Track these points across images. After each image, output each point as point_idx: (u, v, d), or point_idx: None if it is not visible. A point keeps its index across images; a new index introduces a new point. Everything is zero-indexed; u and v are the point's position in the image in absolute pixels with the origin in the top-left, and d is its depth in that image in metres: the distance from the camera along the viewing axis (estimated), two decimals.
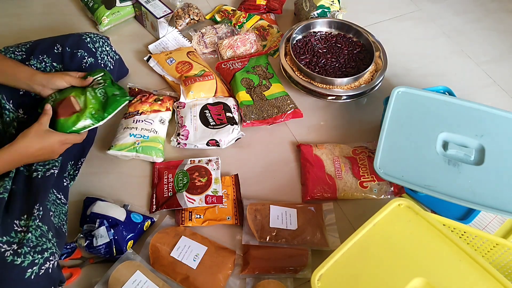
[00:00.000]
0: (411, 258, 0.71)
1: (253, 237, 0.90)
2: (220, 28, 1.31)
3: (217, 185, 0.96)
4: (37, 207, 0.76)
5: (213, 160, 1.02)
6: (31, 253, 0.69)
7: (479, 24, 1.48)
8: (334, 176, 1.01)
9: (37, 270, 0.69)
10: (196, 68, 1.17)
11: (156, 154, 1.02)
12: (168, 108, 1.10)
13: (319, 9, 1.29)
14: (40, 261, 0.70)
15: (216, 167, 1.00)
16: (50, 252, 0.72)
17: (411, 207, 0.77)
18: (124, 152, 1.00)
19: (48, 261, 0.71)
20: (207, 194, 0.94)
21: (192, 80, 1.12)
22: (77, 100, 0.88)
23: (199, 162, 1.01)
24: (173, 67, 1.18)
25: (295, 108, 1.12)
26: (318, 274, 0.69)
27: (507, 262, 0.83)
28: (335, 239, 0.92)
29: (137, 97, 1.10)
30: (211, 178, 0.97)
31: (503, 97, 1.28)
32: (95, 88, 0.90)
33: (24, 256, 0.68)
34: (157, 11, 1.27)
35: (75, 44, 1.00)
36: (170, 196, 0.95)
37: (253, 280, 0.86)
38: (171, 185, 0.97)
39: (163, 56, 1.21)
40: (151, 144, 1.02)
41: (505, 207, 0.81)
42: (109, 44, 1.08)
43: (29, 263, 0.68)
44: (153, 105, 1.08)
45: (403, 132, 0.93)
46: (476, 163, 0.88)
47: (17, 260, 0.67)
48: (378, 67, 1.18)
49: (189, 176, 0.97)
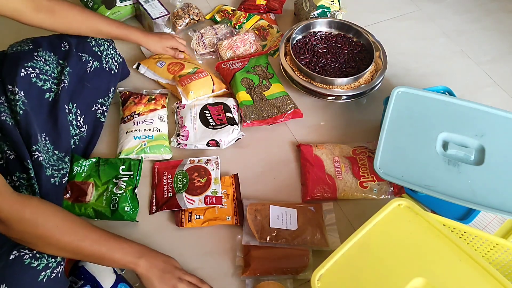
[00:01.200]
0: (411, 258, 0.71)
1: (253, 237, 0.90)
2: (220, 28, 1.31)
3: (217, 185, 0.96)
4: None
5: (212, 159, 1.01)
6: (46, 256, 0.70)
7: (479, 24, 1.48)
8: (334, 176, 1.01)
9: (50, 273, 0.69)
10: (188, 66, 1.17)
11: (164, 152, 1.03)
12: (163, 105, 1.10)
13: (319, 9, 1.29)
14: (53, 265, 0.70)
15: (215, 167, 1.00)
16: (61, 256, 0.73)
17: (411, 207, 0.77)
18: (132, 155, 1.00)
19: (60, 265, 0.72)
20: (206, 195, 0.94)
21: (187, 79, 1.12)
22: (93, 190, 0.93)
23: (198, 162, 1.01)
24: (165, 69, 1.17)
25: (295, 108, 1.11)
26: (318, 274, 0.69)
27: (507, 262, 0.83)
28: (335, 239, 0.92)
29: (129, 100, 1.09)
30: (211, 178, 0.97)
31: (503, 97, 1.28)
32: (112, 193, 0.93)
33: (40, 260, 0.69)
34: (154, 11, 1.26)
35: (80, 47, 1.00)
36: (170, 197, 0.95)
37: (253, 282, 0.86)
38: (171, 185, 0.96)
39: (152, 61, 1.20)
40: (158, 143, 1.03)
41: (505, 207, 0.81)
42: (113, 47, 1.08)
43: (44, 266, 0.69)
44: (148, 105, 1.08)
45: (403, 132, 0.93)
46: (476, 163, 0.88)
47: (34, 263, 0.68)
48: (378, 67, 1.18)
49: (189, 176, 0.97)
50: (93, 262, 0.78)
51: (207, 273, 0.88)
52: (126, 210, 0.92)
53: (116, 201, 0.92)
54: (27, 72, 0.89)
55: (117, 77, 1.10)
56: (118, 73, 1.09)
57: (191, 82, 1.11)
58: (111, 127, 1.09)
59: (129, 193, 0.93)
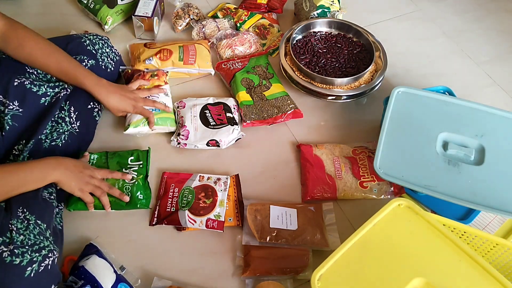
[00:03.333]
0: (411, 258, 0.71)
1: (253, 237, 0.90)
2: (222, 22, 1.31)
3: (221, 209, 0.93)
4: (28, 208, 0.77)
5: (222, 179, 0.98)
6: (29, 251, 0.70)
7: (479, 24, 1.48)
8: (334, 176, 1.01)
9: (37, 267, 0.69)
10: (174, 48, 1.20)
11: (170, 124, 1.06)
12: (165, 81, 1.14)
13: (319, 9, 1.29)
14: (39, 259, 0.70)
15: (223, 188, 0.96)
16: (48, 249, 0.72)
17: (411, 207, 0.77)
18: (141, 127, 1.02)
19: (47, 258, 0.71)
20: (209, 218, 0.91)
21: (189, 55, 1.19)
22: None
23: (207, 180, 0.98)
24: (157, 62, 1.18)
25: (295, 108, 1.11)
26: (318, 274, 0.69)
27: (507, 262, 0.83)
28: (335, 239, 0.92)
29: (133, 78, 1.11)
30: (216, 200, 0.94)
31: (503, 97, 1.28)
32: (124, 183, 0.94)
33: (22, 256, 0.68)
34: (141, 9, 1.25)
35: (75, 48, 1.00)
36: (173, 212, 0.93)
37: (252, 282, 0.86)
38: (176, 200, 0.95)
39: (140, 66, 1.17)
40: (165, 115, 1.06)
41: (505, 207, 0.81)
42: (109, 45, 1.08)
43: (28, 261, 0.69)
44: (152, 80, 1.11)
45: (403, 132, 0.93)
46: (476, 163, 0.88)
47: (16, 260, 0.67)
48: (378, 67, 1.18)
49: (195, 195, 0.95)
50: (13, 189, 0.78)
51: (207, 273, 0.88)
52: (140, 198, 0.93)
53: (129, 190, 0.93)
54: (21, 81, 0.90)
55: (114, 75, 1.10)
56: (115, 71, 1.09)
57: (195, 55, 1.20)
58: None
59: (141, 181, 0.95)
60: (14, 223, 0.72)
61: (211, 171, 1.02)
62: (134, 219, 0.94)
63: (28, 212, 0.76)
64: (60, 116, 0.96)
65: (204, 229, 0.91)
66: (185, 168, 1.03)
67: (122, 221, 0.94)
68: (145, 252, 0.90)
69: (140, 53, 1.19)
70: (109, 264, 0.84)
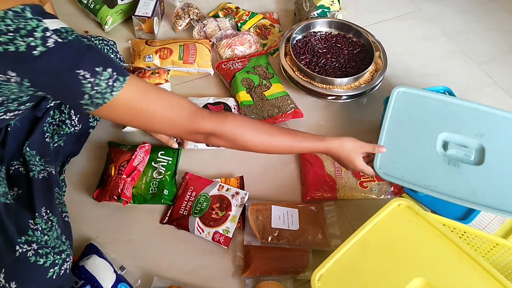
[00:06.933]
0: (411, 258, 0.71)
1: (255, 237, 0.90)
2: (223, 21, 1.31)
3: (232, 224, 0.92)
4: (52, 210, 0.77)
5: (240, 194, 0.96)
6: (52, 253, 0.70)
7: (479, 24, 1.48)
8: (334, 176, 1.01)
9: (58, 270, 0.70)
10: (174, 47, 1.20)
11: None
12: (166, 80, 1.13)
13: (319, 9, 1.29)
14: (60, 262, 0.71)
15: (239, 203, 0.95)
16: (66, 253, 0.73)
17: (411, 207, 0.77)
18: None
19: (66, 262, 0.72)
20: (216, 231, 0.91)
21: (189, 54, 1.18)
22: None
23: (227, 191, 0.97)
24: (158, 60, 1.18)
25: (295, 108, 1.12)
26: (318, 274, 0.69)
27: (507, 262, 0.83)
28: (336, 239, 0.92)
29: (135, 74, 1.11)
30: (229, 215, 0.93)
31: (503, 97, 1.28)
32: (152, 178, 0.96)
33: (46, 256, 0.69)
34: (142, 9, 1.26)
35: None
36: (184, 216, 0.93)
37: (253, 282, 0.86)
38: (190, 204, 0.94)
39: (140, 63, 1.18)
40: None
41: (505, 207, 0.81)
42: (114, 50, 1.08)
43: (51, 263, 0.69)
44: (152, 78, 1.11)
45: (403, 132, 0.93)
46: (476, 163, 0.88)
47: (40, 260, 0.68)
48: (378, 67, 1.18)
49: (210, 204, 0.94)
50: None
51: (207, 273, 0.89)
52: (165, 194, 0.94)
53: (156, 185, 0.95)
54: None
55: None
56: None
57: (195, 54, 1.19)
58: None
59: (168, 178, 0.96)
60: (39, 222, 0.72)
61: (211, 172, 1.02)
62: (135, 219, 0.95)
63: (52, 214, 0.76)
64: (61, 120, 0.96)
65: (210, 241, 0.91)
66: (185, 168, 1.03)
67: (122, 221, 0.94)
68: (145, 252, 0.91)
69: (140, 50, 1.20)
70: (109, 264, 0.84)
